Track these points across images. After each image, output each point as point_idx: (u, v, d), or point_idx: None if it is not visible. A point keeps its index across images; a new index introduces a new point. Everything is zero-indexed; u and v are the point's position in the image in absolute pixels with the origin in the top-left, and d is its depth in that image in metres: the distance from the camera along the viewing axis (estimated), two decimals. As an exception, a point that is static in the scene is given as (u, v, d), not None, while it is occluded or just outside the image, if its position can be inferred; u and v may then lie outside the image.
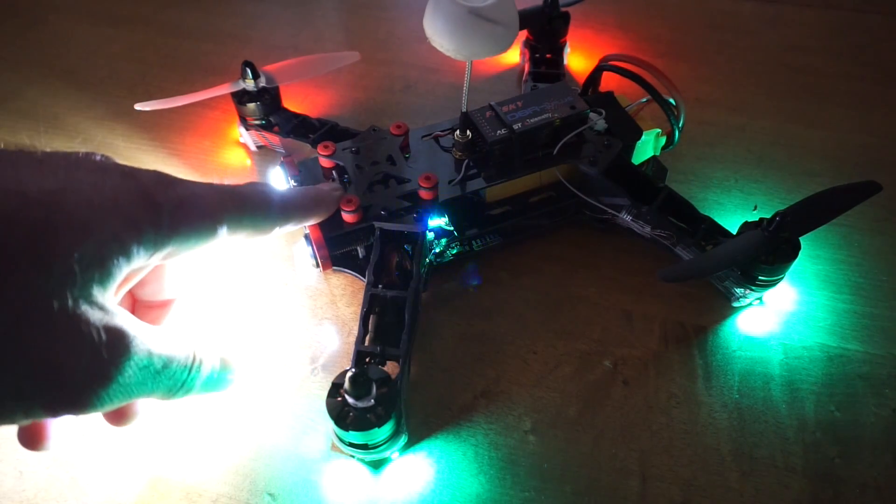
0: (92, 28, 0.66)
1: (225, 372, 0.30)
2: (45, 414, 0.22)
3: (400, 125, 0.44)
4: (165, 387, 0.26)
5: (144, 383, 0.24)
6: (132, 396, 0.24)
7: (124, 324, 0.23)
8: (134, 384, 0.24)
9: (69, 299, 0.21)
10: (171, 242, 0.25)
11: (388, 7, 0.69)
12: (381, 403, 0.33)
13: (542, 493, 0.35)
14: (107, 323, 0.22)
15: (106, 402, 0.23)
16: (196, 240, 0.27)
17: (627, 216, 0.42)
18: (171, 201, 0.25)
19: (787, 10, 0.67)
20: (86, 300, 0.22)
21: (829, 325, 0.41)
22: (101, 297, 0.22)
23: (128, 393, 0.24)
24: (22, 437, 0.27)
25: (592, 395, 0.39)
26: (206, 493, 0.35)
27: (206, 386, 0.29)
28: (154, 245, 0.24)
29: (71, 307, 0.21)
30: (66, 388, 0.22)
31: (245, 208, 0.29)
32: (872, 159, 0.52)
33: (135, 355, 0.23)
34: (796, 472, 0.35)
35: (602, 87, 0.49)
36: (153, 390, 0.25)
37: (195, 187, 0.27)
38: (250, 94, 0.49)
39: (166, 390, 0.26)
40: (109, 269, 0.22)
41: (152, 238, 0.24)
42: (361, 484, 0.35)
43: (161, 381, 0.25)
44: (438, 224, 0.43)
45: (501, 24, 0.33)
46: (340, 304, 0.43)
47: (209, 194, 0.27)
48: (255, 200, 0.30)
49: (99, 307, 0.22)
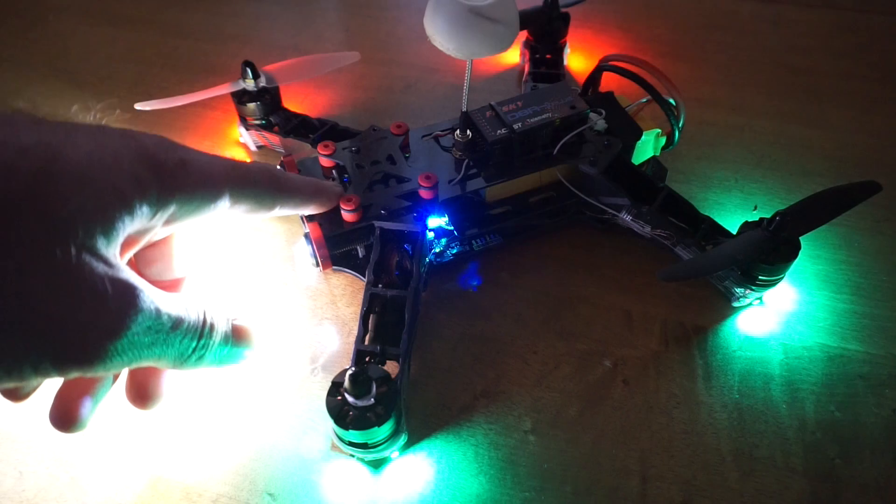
0: (92, 28, 0.66)
1: (239, 341, 0.29)
2: (54, 370, 0.21)
3: (400, 125, 0.44)
4: (176, 351, 0.25)
5: (154, 344, 0.24)
6: (142, 358, 0.24)
7: (131, 278, 0.23)
8: (143, 343, 0.23)
9: (72, 249, 0.21)
10: (173, 202, 0.25)
11: (388, 7, 0.69)
12: (381, 402, 0.33)
13: (542, 493, 0.35)
14: (113, 276, 0.22)
15: (115, 359, 0.22)
16: (199, 203, 0.26)
17: (627, 216, 0.42)
18: (173, 161, 0.25)
19: (787, 10, 0.67)
20: (89, 252, 0.21)
21: (829, 325, 0.41)
22: (105, 251, 0.22)
23: (137, 352, 0.23)
24: (54, 416, 0.26)
25: (592, 395, 0.38)
26: (206, 493, 0.35)
27: (219, 356, 0.28)
28: (157, 203, 0.24)
29: (74, 257, 0.21)
30: (73, 341, 0.21)
31: (248, 181, 0.29)
32: (872, 159, 0.52)
33: (143, 310, 0.23)
34: (796, 472, 0.35)
35: (602, 87, 0.49)
36: (163, 354, 0.25)
37: (199, 154, 0.27)
38: (250, 94, 0.49)
39: (177, 355, 0.25)
40: (112, 223, 0.22)
41: (154, 195, 0.24)
42: (361, 484, 0.35)
43: (172, 343, 0.25)
44: (438, 224, 0.43)
45: (502, 23, 0.33)
46: (340, 304, 0.43)
47: (214, 162, 0.27)
48: (259, 175, 0.30)
49: (103, 261, 0.22)
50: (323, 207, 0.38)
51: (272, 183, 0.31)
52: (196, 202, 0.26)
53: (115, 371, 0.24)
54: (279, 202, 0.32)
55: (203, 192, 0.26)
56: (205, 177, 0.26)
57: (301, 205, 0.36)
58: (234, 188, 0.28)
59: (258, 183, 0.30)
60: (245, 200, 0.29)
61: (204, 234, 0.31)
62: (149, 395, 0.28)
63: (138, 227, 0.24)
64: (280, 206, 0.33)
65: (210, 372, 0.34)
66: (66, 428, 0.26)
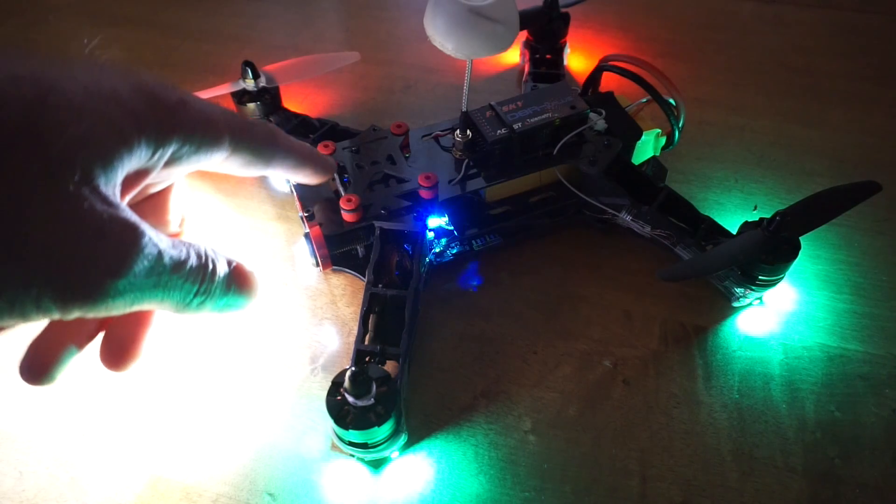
0: (92, 28, 0.66)
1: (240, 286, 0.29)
2: (56, 307, 0.21)
3: (400, 125, 0.44)
4: (179, 294, 0.25)
5: (157, 285, 0.23)
6: (144, 299, 0.23)
7: (131, 217, 0.22)
8: (145, 285, 0.23)
9: (70, 182, 0.20)
10: (173, 141, 0.24)
11: (388, 7, 0.69)
12: (381, 402, 0.33)
13: (542, 493, 0.35)
14: (112, 213, 0.21)
15: (117, 298, 0.22)
16: (200, 143, 0.26)
17: (627, 216, 0.42)
18: (173, 98, 0.25)
19: (787, 10, 0.67)
20: (88, 187, 0.21)
21: (829, 325, 0.41)
22: (104, 188, 0.21)
23: (139, 292, 0.23)
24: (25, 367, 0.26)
25: (592, 395, 0.38)
26: (206, 493, 0.35)
27: (220, 301, 0.28)
28: (156, 140, 0.24)
29: (73, 191, 0.20)
30: (75, 277, 0.21)
31: (248, 130, 0.29)
32: (872, 159, 0.52)
33: (144, 250, 0.22)
34: (796, 472, 0.35)
35: (602, 87, 0.49)
36: (166, 296, 0.24)
37: (199, 98, 0.27)
38: (250, 94, 0.49)
39: (180, 298, 0.25)
40: (111, 159, 0.22)
41: (154, 131, 0.23)
42: (361, 484, 0.35)
43: (174, 284, 0.24)
44: (438, 224, 0.43)
45: (502, 24, 0.33)
46: (340, 304, 0.43)
47: (214, 107, 0.27)
48: (259, 127, 0.30)
49: (102, 197, 0.21)
50: (316, 176, 0.37)
51: (270, 136, 0.31)
52: (196, 142, 0.26)
53: (117, 313, 0.23)
54: (276, 158, 0.32)
55: (203, 133, 0.26)
56: (206, 118, 0.26)
57: (295, 167, 0.35)
58: (234, 136, 0.28)
59: (257, 134, 0.30)
60: (243, 150, 0.29)
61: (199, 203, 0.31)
62: (126, 354, 0.28)
63: (137, 165, 0.23)
64: (276, 164, 0.32)
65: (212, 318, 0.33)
66: (37, 379, 0.26)
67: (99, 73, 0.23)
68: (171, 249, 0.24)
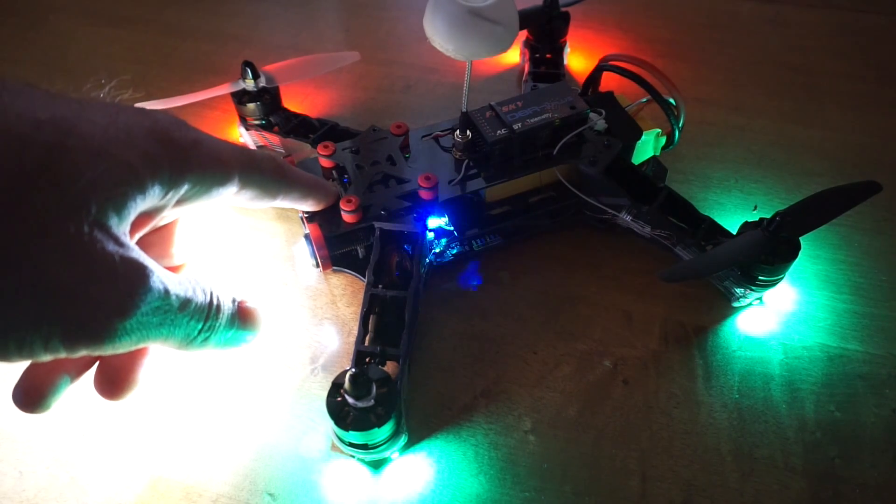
0: (92, 28, 0.66)
1: (244, 323, 0.29)
2: (63, 346, 0.21)
3: (400, 125, 0.44)
4: (183, 332, 0.25)
5: (162, 324, 0.24)
6: (149, 337, 0.23)
7: (141, 258, 0.23)
8: (152, 323, 0.23)
9: (84, 224, 0.21)
10: (185, 181, 0.25)
11: (388, 7, 0.69)
12: (381, 403, 0.33)
13: (542, 493, 0.35)
14: (123, 254, 0.22)
15: (124, 338, 0.22)
16: (210, 183, 0.26)
17: (627, 216, 0.42)
18: (186, 140, 0.25)
19: (787, 10, 0.67)
20: (101, 228, 0.21)
21: (829, 325, 0.41)
22: (116, 229, 0.22)
23: (145, 331, 0.23)
24: (19, 395, 0.25)
25: (592, 395, 0.39)
26: (206, 493, 0.35)
27: (224, 338, 0.28)
28: (169, 181, 0.24)
29: (87, 232, 0.21)
30: (83, 317, 0.21)
31: (256, 166, 0.30)
32: (872, 159, 0.52)
33: (152, 290, 0.23)
34: (796, 472, 0.35)
35: (602, 87, 0.49)
36: (170, 334, 0.24)
37: (211, 137, 0.27)
38: (250, 94, 0.49)
39: (185, 335, 0.25)
40: (124, 201, 0.22)
41: (167, 173, 0.24)
42: (361, 484, 0.35)
43: (179, 324, 0.25)
44: (438, 224, 0.43)
45: (501, 24, 0.33)
46: (340, 304, 0.43)
47: (225, 145, 0.28)
48: (266, 163, 0.31)
49: (114, 238, 0.22)
50: (321, 204, 0.38)
51: (277, 171, 0.32)
52: (207, 183, 0.26)
53: (123, 351, 0.23)
54: (282, 191, 0.33)
55: (214, 173, 0.27)
56: (217, 158, 0.27)
57: (301, 198, 0.36)
58: (244, 172, 0.29)
59: (265, 170, 0.31)
60: (252, 186, 0.30)
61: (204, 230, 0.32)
62: (122, 384, 0.28)
63: (149, 205, 0.24)
64: (282, 196, 0.33)
65: (214, 354, 0.34)
66: (30, 408, 0.26)
67: (116, 113, 0.24)
68: (177, 287, 0.24)
